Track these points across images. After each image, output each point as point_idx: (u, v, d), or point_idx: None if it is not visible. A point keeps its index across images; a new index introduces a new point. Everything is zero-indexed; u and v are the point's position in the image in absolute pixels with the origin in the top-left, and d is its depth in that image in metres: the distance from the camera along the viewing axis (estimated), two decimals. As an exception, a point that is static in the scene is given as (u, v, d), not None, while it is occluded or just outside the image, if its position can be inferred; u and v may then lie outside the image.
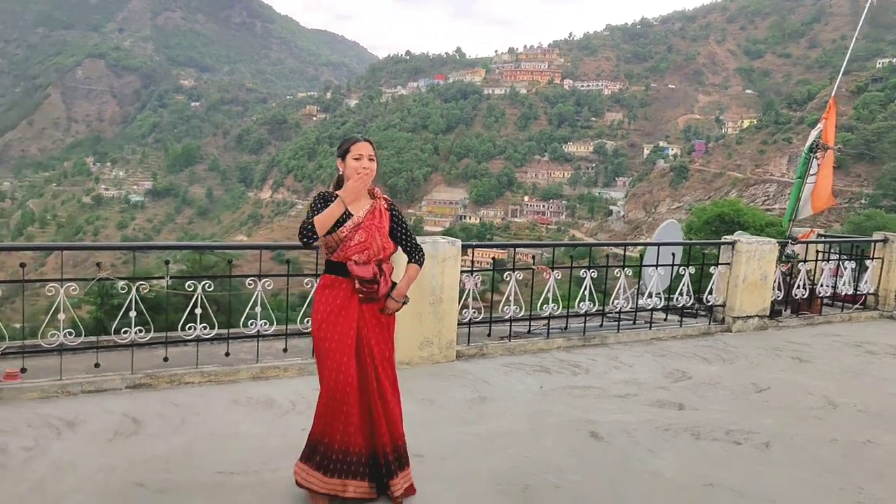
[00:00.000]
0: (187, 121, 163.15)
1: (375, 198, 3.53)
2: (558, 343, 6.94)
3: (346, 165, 3.45)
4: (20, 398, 4.67)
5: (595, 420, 4.89)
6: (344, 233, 3.37)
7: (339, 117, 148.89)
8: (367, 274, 3.38)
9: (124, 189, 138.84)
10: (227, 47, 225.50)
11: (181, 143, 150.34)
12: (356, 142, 3.45)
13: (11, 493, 3.42)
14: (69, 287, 4.82)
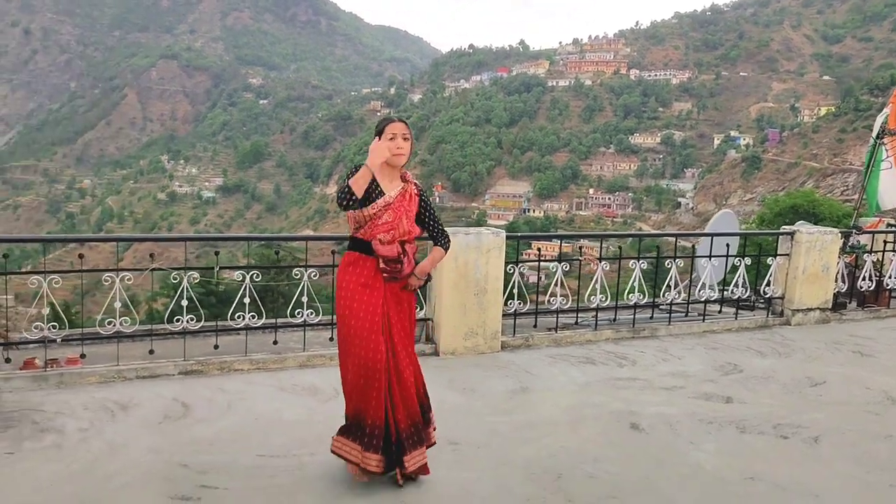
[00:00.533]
0: (255, 118, 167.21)
1: (407, 181, 3.58)
2: (606, 335, 6.87)
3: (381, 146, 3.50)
4: (80, 382, 4.92)
5: (636, 412, 4.83)
6: (374, 209, 3.42)
7: (403, 112, 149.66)
8: (392, 253, 3.44)
9: (196, 185, 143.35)
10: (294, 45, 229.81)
11: (250, 141, 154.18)
12: (391, 122, 3.49)
13: (64, 472, 3.62)
14: (125, 277, 5.05)
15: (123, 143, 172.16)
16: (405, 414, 3.46)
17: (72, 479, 3.54)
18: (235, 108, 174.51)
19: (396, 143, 3.45)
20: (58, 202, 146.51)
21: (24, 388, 4.76)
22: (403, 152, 3.48)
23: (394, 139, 3.46)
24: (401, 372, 3.47)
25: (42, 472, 3.61)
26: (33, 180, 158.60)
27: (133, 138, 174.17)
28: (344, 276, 3.51)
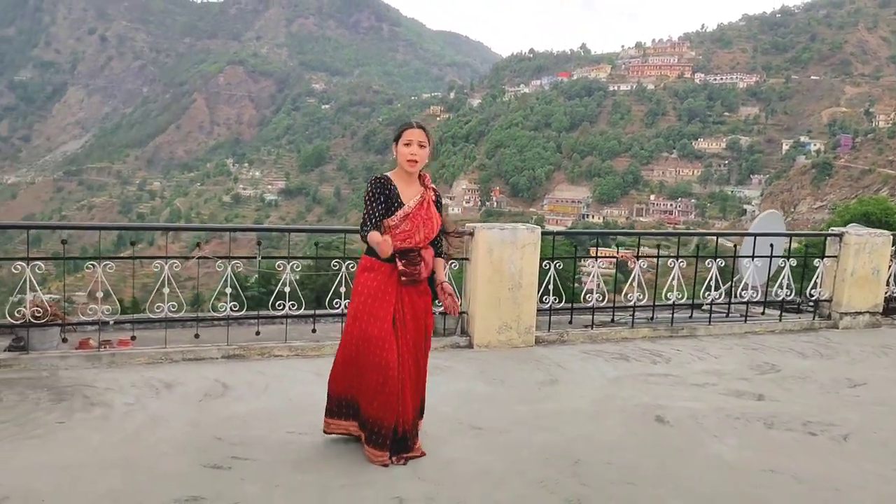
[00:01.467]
0: (318, 122, 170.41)
1: (426, 186, 3.66)
2: (643, 333, 6.88)
3: (398, 152, 3.59)
4: (130, 363, 5.23)
5: (664, 405, 4.86)
6: (393, 221, 3.53)
7: (463, 117, 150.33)
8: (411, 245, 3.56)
9: (260, 188, 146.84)
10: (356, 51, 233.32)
11: (312, 144, 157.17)
12: (408, 128, 3.57)
13: (109, 440, 3.88)
14: (172, 264, 5.34)
15: (191, 147, 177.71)
16: (412, 412, 3.66)
17: (116, 446, 3.80)
18: (299, 113, 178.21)
19: (411, 150, 3.52)
20: (129, 203, 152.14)
21: (78, 367, 5.10)
22: (417, 160, 3.54)
23: (409, 145, 3.53)
24: (413, 373, 3.65)
25: (89, 439, 3.89)
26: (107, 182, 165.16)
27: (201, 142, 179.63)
28: (360, 279, 3.61)
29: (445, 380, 5.31)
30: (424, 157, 3.58)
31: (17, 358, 5.02)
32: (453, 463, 3.76)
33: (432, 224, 3.64)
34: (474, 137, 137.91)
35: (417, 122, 3.65)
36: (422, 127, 3.60)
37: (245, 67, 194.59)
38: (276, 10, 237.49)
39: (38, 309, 5.11)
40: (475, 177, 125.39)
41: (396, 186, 3.58)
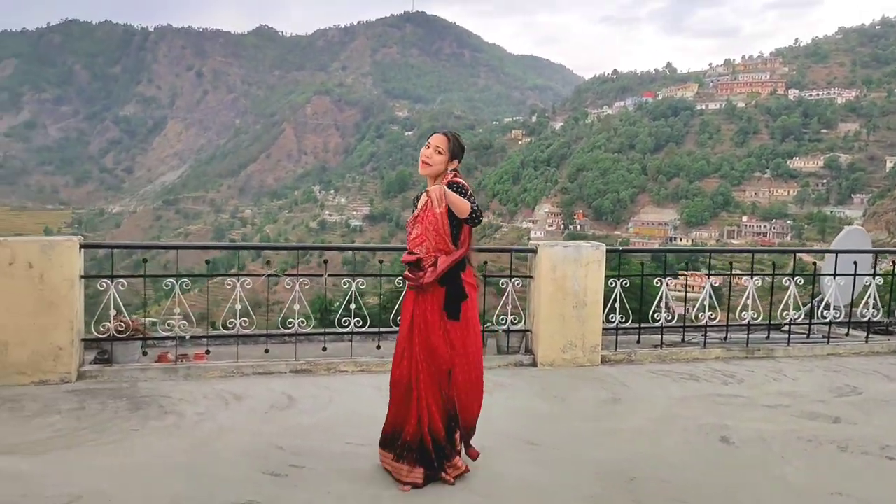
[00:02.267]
0: (401, 149, 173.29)
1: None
2: (716, 353, 6.68)
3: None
4: (204, 376, 5.48)
5: (730, 426, 4.71)
6: (408, 228, 3.61)
7: (544, 140, 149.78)
8: (410, 258, 3.51)
9: (345, 214, 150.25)
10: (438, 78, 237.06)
11: (395, 171, 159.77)
12: (434, 133, 3.59)
13: (178, 447, 4.08)
14: (244, 282, 5.59)
15: (280, 175, 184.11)
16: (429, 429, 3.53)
17: (183, 452, 4.00)
18: (382, 140, 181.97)
19: (425, 152, 3.52)
20: (222, 230, 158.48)
21: (156, 379, 5.38)
22: (429, 162, 3.50)
23: (427, 147, 3.53)
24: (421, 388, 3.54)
25: (160, 445, 4.10)
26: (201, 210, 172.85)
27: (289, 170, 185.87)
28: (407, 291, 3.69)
29: (505, 397, 5.32)
30: (438, 162, 3.49)
31: (102, 370, 5.34)
32: (504, 477, 3.77)
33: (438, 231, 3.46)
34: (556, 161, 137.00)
35: (445, 130, 3.63)
36: (445, 134, 3.56)
37: (331, 97, 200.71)
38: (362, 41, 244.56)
39: (120, 324, 5.43)
40: (557, 200, 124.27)
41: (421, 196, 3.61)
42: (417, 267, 3.48)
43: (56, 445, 4.04)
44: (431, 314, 3.51)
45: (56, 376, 5.14)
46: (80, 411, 4.63)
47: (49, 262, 5.08)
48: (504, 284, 6.29)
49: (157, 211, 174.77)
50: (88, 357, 5.60)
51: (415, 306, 3.55)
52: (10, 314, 5.03)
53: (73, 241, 5.20)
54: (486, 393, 5.38)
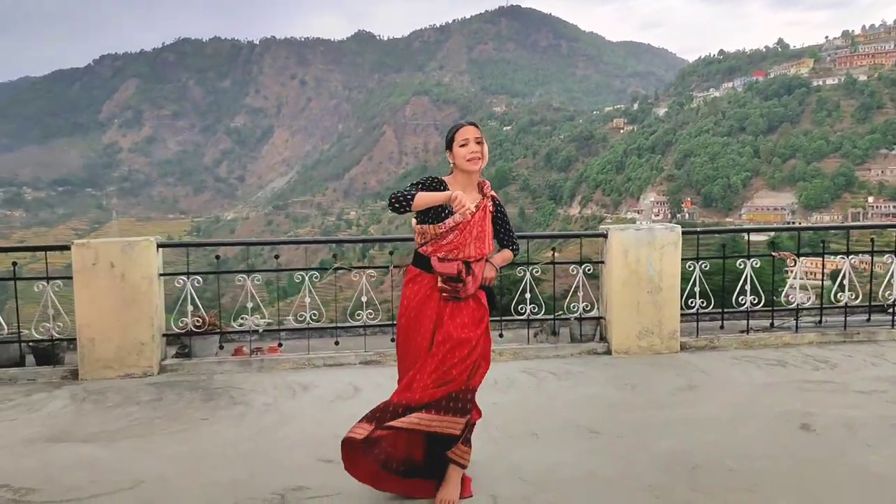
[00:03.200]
0: (500, 144, 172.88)
1: (484, 195, 3.31)
2: (809, 338, 6.25)
3: (454, 155, 3.24)
4: (276, 368, 5.63)
5: (814, 413, 4.39)
6: (443, 229, 3.17)
7: (647, 127, 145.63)
8: (451, 271, 3.14)
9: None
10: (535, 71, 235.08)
11: (495, 166, 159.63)
12: (460, 128, 3.24)
13: (242, 435, 4.21)
14: (312, 275, 5.70)
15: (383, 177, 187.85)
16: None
17: (246, 440, 4.12)
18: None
19: (469, 149, 3.17)
20: (329, 232, 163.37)
21: (232, 371, 5.57)
22: (478, 156, 3.19)
23: (465, 145, 3.18)
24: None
25: (225, 433, 4.24)
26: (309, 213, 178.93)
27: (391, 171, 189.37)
28: (404, 292, 3.31)
29: (573, 385, 5.18)
30: (485, 153, 3.23)
31: (182, 363, 5.59)
32: (560, 466, 3.66)
33: (484, 240, 3.25)
34: (661, 148, 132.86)
35: (469, 120, 3.32)
36: (473, 124, 3.26)
37: (429, 97, 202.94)
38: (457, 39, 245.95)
39: (197, 319, 5.66)
40: (663, 188, 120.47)
41: (448, 185, 3.25)
42: (456, 279, 3.16)
43: (130, 434, 4.25)
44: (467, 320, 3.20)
45: (139, 370, 5.41)
46: (157, 402, 4.86)
47: (129, 262, 5.36)
48: (574, 271, 6.13)
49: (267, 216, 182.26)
50: (171, 351, 5.86)
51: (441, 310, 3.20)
52: (96, 312, 5.34)
53: (150, 241, 5.46)
54: (556, 381, 5.30)
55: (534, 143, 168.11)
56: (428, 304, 3.20)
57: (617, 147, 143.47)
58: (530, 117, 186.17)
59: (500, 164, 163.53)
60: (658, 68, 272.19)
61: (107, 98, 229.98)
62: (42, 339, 5.53)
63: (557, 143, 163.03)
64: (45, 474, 3.62)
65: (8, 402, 4.89)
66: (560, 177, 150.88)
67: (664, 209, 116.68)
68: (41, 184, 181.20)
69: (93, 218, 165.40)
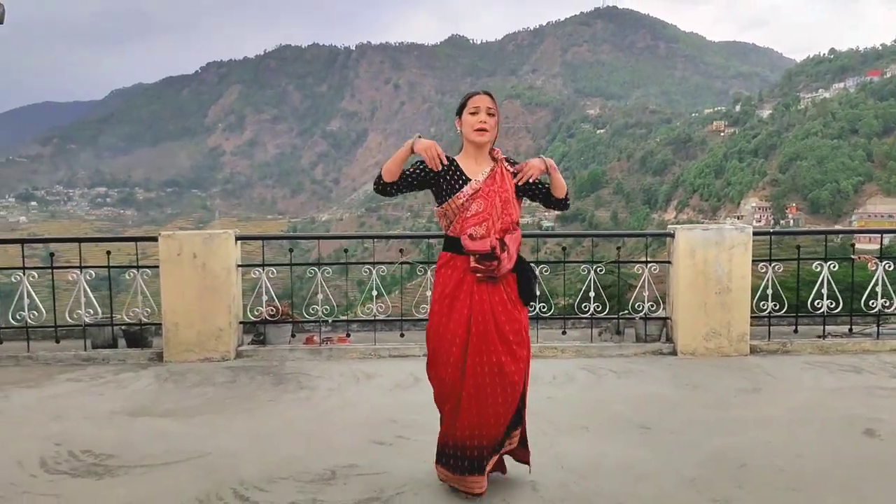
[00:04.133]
0: (593, 147, 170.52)
1: (496, 160, 3.13)
2: (892, 345, 5.98)
3: (462, 123, 3.10)
4: (344, 357, 5.87)
5: (882, 419, 4.24)
6: (461, 199, 3.02)
7: (750, 130, 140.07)
8: (485, 248, 2.95)
9: (536, 216, 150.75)
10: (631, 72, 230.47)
11: (587, 170, 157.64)
12: (475, 94, 3.08)
13: (304, 416, 4.45)
14: (379, 269, 5.92)
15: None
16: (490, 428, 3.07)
17: (307, 421, 4.35)
18: (574, 140, 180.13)
19: (479, 118, 3.02)
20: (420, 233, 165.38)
21: (302, 359, 5.85)
22: (487, 128, 3.03)
23: (476, 113, 3.03)
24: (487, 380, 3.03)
25: (289, 414, 4.49)
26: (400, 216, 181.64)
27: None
28: (436, 279, 3.14)
29: (633, 383, 5.17)
30: (494, 126, 3.06)
31: (257, 350, 5.92)
32: (604, 457, 3.69)
33: (510, 204, 3.05)
34: (764, 151, 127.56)
35: (483, 89, 3.14)
36: (488, 93, 3.08)
37: (521, 100, 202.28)
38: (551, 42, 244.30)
39: (271, 309, 5.98)
40: (766, 193, 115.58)
41: (458, 162, 3.11)
42: (490, 256, 2.96)
43: (204, 411, 4.56)
44: (503, 299, 3.04)
45: (218, 354, 5.77)
46: (232, 384, 5.18)
47: (210, 253, 5.73)
48: (640, 270, 6.09)
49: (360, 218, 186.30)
50: (247, 339, 6.21)
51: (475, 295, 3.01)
52: (180, 299, 5.74)
53: (228, 234, 5.82)
54: (615, 378, 5.31)
55: (628, 146, 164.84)
56: (461, 290, 3.01)
57: (716, 150, 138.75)
58: (625, 120, 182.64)
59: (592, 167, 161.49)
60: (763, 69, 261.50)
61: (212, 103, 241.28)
62: (132, 324, 5.98)
63: (653, 146, 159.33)
64: (124, 443, 3.96)
65: (99, 380, 5.33)
66: (655, 181, 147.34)
67: (766, 215, 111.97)
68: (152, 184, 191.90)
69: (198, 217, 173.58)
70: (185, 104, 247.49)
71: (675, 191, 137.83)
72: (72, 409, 4.60)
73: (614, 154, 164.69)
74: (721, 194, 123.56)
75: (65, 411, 4.56)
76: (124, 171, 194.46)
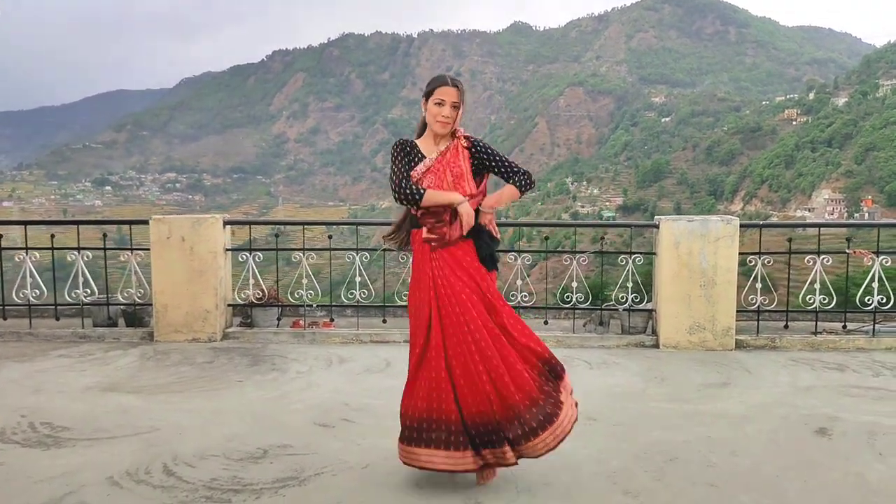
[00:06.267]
0: (657, 136, 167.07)
1: (455, 137, 3.20)
2: (887, 343, 5.76)
3: (427, 109, 3.18)
4: (326, 341, 6.00)
5: (841, 419, 4.11)
6: (415, 176, 3.13)
7: (824, 119, 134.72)
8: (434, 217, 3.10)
9: (598, 205, 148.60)
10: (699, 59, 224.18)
11: (650, 159, 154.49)
12: (443, 84, 3.13)
13: (263, 397, 4.59)
14: (363, 255, 6.01)
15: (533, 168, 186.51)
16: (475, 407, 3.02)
17: (264, 402, 4.48)
18: (637, 128, 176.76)
19: (443, 111, 3.10)
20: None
21: (285, 342, 6.01)
22: (449, 122, 3.13)
23: (441, 105, 3.11)
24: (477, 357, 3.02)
25: (250, 395, 4.63)
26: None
27: (542, 163, 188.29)
28: (412, 258, 3.31)
29: (602, 374, 5.14)
30: (457, 118, 3.15)
31: (243, 332, 6.10)
32: (535, 446, 3.69)
33: (464, 178, 3.15)
34: (839, 141, 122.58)
35: (452, 78, 3.19)
36: (457, 85, 3.15)
37: (584, 88, 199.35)
38: (616, 28, 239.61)
39: (258, 292, 6.14)
40: (840, 185, 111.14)
41: (418, 146, 3.23)
42: (439, 221, 3.09)
43: (170, 389, 4.75)
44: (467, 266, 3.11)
45: (205, 335, 5.97)
46: (208, 364, 5.36)
47: (198, 236, 5.93)
48: (623, 261, 6.01)
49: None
50: (237, 321, 6.39)
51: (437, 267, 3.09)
52: (169, 280, 5.96)
53: (216, 219, 6.01)
54: (587, 369, 5.28)
55: (694, 135, 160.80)
56: (424, 259, 3.13)
57: (787, 140, 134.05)
58: (692, 108, 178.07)
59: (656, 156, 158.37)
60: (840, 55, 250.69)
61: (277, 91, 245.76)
62: (126, 304, 6.23)
63: (720, 135, 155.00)
64: (85, 417, 4.16)
65: (88, 357, 5.59)
66: (722, 171, 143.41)
67: (840, 207, 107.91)
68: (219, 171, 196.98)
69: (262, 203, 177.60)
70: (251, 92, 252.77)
71: (743, 181, 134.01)
72: (51, 384, 4.85)
73: (679, 143, 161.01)
74: (791, 185, 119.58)
75: (45, 385, 4.82)
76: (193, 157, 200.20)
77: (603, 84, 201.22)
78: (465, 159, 3.20)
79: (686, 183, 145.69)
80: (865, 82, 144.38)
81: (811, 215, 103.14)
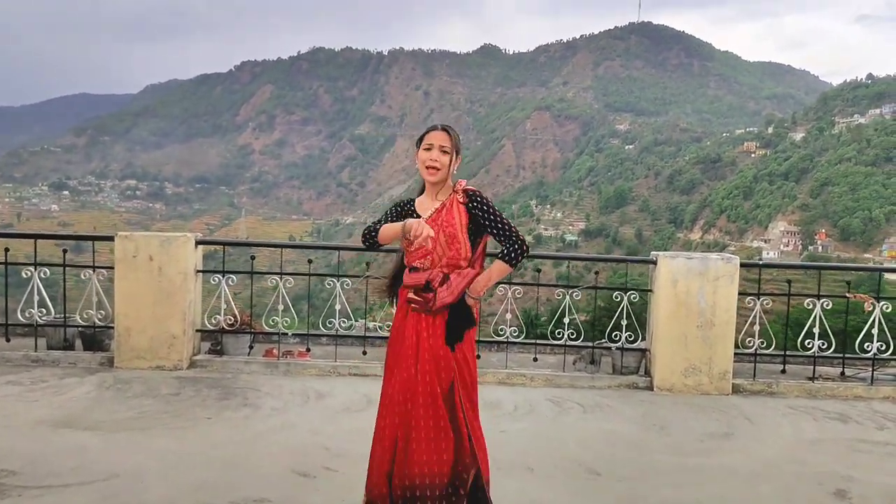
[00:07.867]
0: (620, 163, 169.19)
1: (454, 191, 3.00)
2: (886, 392, 5.58)
3: (418, 157, 3.01)
4: (302, 373, 5.61)
5: (857, 479, 3.87)
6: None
7: (782, 153, 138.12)
8: (420, 281, 2.91)
9: (560, 229, 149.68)
10: (663, 89, 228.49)
11: (613, 186, 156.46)
12: (433, 130, 3.02)
13: (234, 439, 4.19)
14: (344, 282, 5.65)
15: (499, 190, 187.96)
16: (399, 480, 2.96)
17: (236, 444, 4.08)
18: (601, 154, 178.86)
19: (431, 155, 2.94)
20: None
21: (258, 373, 5.60)
22: (438, 166, 2.93)
23: (430, 150, 2.95)
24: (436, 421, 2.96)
25: (220, 435, 4.23)
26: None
27: (507, 185, 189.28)
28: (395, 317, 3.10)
29: (598, 419, 4.85)
30: (446, 164, 2.95)
31: (212, 360, 5.68)
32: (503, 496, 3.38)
33: (457, 239, 2.92)
34: (795, 175, 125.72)
35: (444, 125, 3.06)
36: (447, 129, 3.01)
37: (551, 112, 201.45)
38: (583, 55, 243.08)
39: (230, 317, 5.73)
40: (795, 218, 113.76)
41: (415, 202, 3.08)
42: (426, 289, 2.90)
43: (132, 426, 4.32)
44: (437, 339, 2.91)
45: (170, 363, 5.54)
46: (174, 397, 4.93)
47: (167, 256, 5.51)
48: (618, 298, 5.75)
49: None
50: (206, 347, 5.96)
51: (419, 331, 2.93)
52: (134, 302, 5.52)
53: (188, 238, 5.59)
54: (581, 413, 4.98)
55: (656, 163, 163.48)
56: (405, 325, 2.95)
57: (746, 172, 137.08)
58: (655, 136, 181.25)
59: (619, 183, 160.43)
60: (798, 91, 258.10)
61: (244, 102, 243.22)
62: (85, 325, 5.77)
63: (682, 164, 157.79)
64: (34, 458, 3.72)
65: (41, 384, 5.12)
66: (682, 199, 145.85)
67: (794, 240, 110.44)
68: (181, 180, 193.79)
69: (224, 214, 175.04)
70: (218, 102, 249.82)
71: (702, 211, 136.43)
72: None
73: (642, 171, 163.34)
74: (749, 216, 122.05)
75: (-10, 418, 4.35)
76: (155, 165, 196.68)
77: (569, 109, 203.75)
78: (462, 216, 2.96)
79: (648, 210, 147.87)
80: (822, 119, 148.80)
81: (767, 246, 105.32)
